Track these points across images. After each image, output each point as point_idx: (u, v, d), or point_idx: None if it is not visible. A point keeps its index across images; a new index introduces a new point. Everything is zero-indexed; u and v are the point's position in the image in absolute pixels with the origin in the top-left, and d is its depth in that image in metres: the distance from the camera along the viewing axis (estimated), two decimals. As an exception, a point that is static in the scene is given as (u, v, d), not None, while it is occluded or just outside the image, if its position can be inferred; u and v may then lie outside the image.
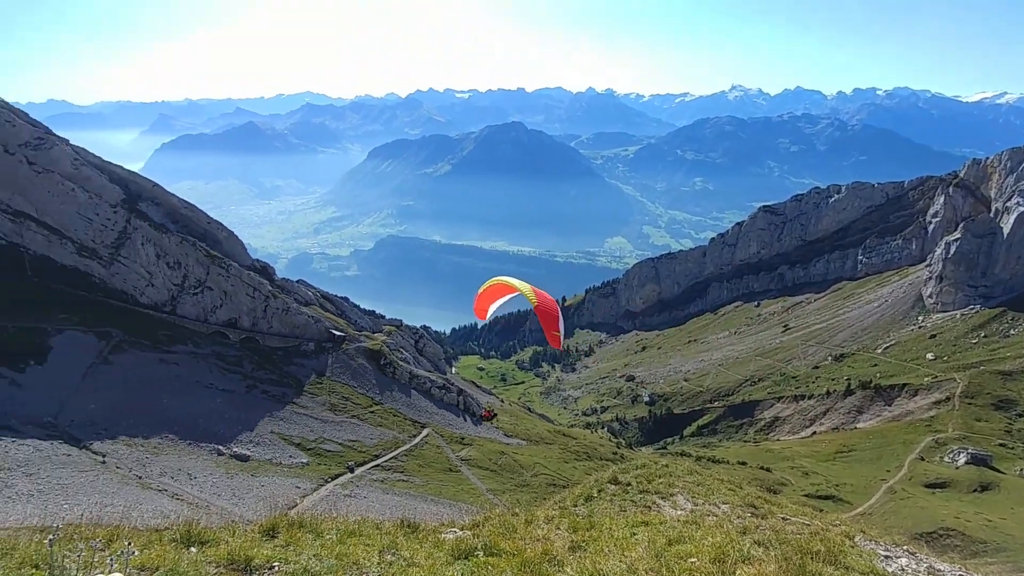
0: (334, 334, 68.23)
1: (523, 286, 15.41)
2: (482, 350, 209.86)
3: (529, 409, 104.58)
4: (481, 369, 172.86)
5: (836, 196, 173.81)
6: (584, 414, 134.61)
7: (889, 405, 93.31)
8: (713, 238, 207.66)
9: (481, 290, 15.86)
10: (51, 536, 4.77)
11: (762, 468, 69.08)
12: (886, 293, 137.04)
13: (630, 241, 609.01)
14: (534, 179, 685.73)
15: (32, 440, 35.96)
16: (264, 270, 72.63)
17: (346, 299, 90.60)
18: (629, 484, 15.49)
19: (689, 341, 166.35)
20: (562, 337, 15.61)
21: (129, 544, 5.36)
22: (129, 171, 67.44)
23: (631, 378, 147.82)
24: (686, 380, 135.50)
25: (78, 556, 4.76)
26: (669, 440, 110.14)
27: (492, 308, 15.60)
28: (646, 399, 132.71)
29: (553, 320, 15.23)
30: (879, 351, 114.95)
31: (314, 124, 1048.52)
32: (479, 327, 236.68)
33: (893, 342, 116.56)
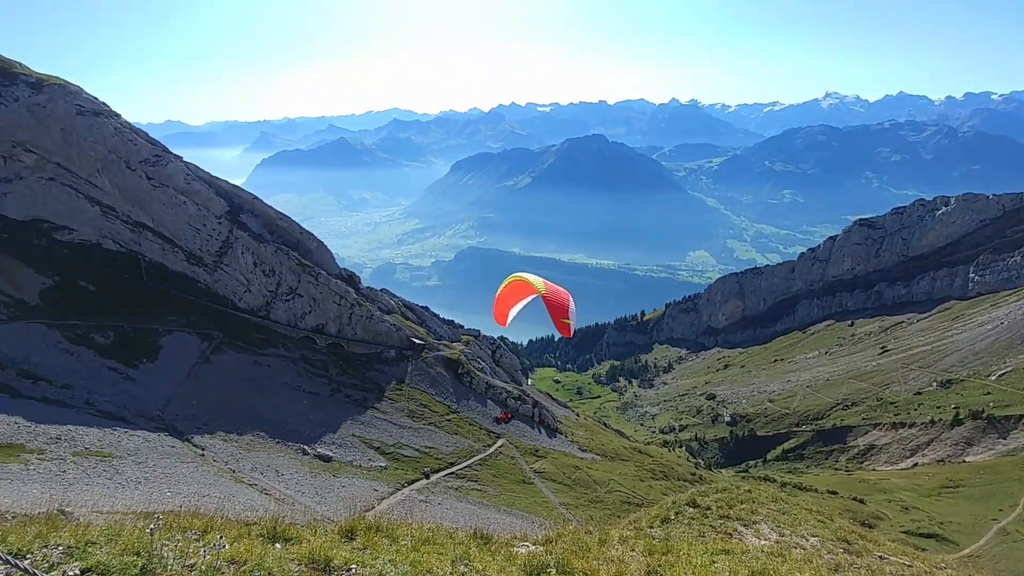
0: (414, 342, 70.07)
1: (536, 280, 14.86)
2: (558, 362, 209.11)
3: (605, 424, 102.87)
4: (557, 382, 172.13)
5: (944, 209, 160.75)
6: (662, 432, 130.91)
7: (1004, 438, 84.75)
8: (803, 253, 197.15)
9: (499, 291, 15.14)
10: (152, 525, 5.14)
11: (855, 499, 64.38)
12: (1002, 315, 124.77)
13: (713, 255, 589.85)
14: (614, 191, 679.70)
15: (142, 431, 39.14)
16: (350, 279, 75.77)
17: (426, 308, 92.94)
18: (709, 508, 14.83)
19: (775, 360, 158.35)
20: (573, 326, 14.88)
21: (220, 537, 5.68)
22: (233, 185, 72.52)
23: (712, 396, 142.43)
24: (771, 401, 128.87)
25: (175, 545, 5.10)
26: (752, 463, 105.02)
27: (512, 313, 14.88)
28: (727, 419, 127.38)
29: (562, 309, 14.65)
30: (993, 378, 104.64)
31: (400, 139, 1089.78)
32: (556, 340, 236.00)
33: (1009, 368, 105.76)
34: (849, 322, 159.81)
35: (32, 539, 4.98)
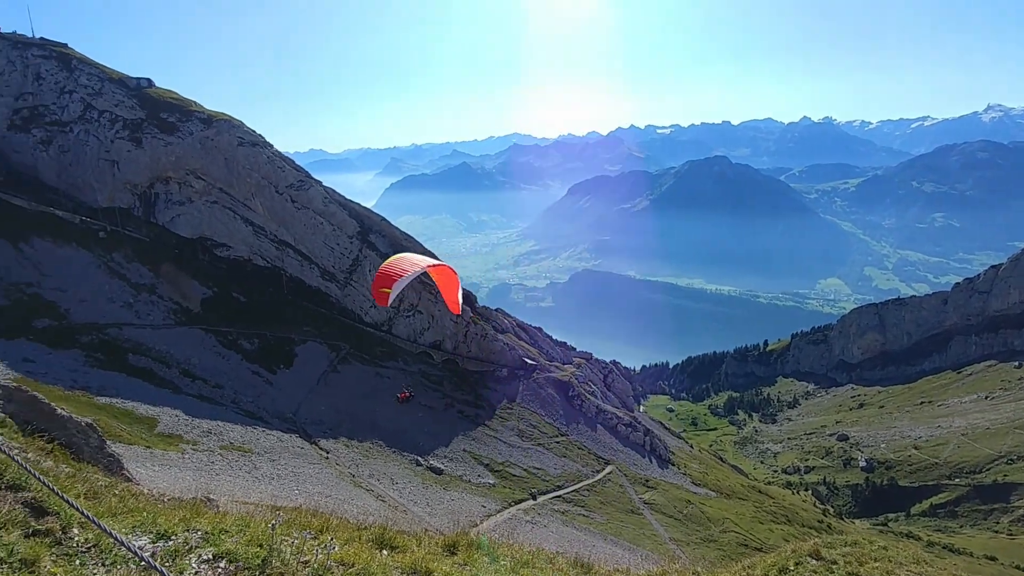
0: (526, 362, 70.78)
1: (421, 257, 13.39)
2: (672, 390, 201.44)
3: (721, 459, 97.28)
4: (670, 410, 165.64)
5: None
6: (784, 472, 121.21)
7: None
8: (958, 283, 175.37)
9: (380, 269, 13.13)
10: (274, 521, 5.65)
11: (1018, 568, 55.57)
12: None
13: (847, 283, 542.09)
14: (737, 215, 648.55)
15: (277, 432, 42.76)
16: (467, 298, 78.31)
17: (540, 329, 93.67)
18: (835, 562, 13.45)
19: (922, 402, 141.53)
20: (460, 304, 13.44)
21: (332, 539, 6.10)
22: (364, 207, 78.01)
23: (844, 437, 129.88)
24: (916, 448, 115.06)
25: (293, 542, 5.55)
26: (891, 516, 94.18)
27: (396, 290, 12.93)
28: (862, 464, 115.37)
29: (455, 284, 13.42)
30: None
31: (519, 163, 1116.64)
32: (671, 366, 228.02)
33: None
34: (1017, 363, 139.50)
35: (177, 522, 5.65)
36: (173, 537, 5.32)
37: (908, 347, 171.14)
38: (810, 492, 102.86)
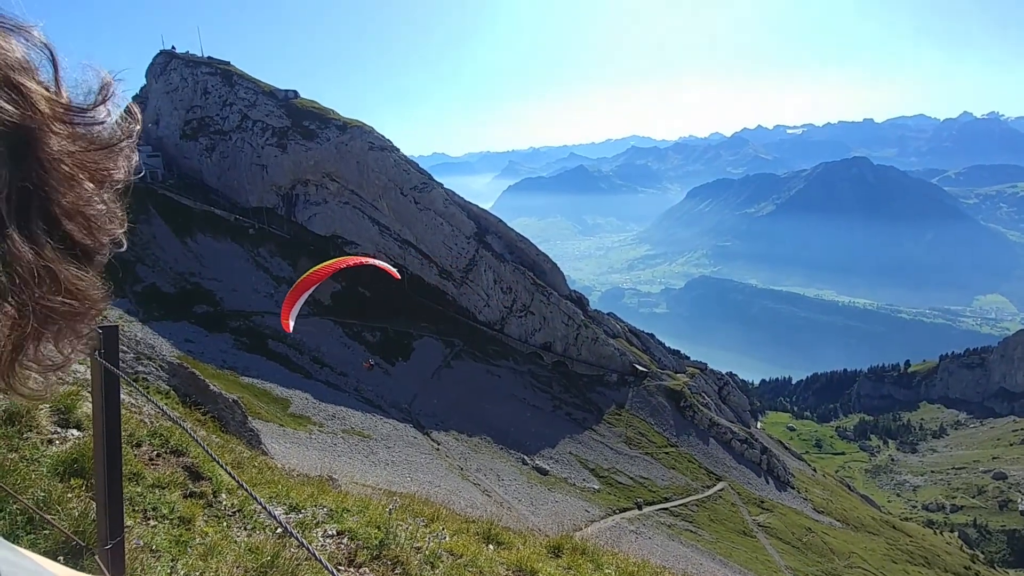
0: (637, 368, 69.31)
1: (325, 266, 11.97)
2: (795, 408, 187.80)
3: (848, 486, 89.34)
4: (792, 429, 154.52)
5: None
6: (926, 508, 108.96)
7: None
8: None
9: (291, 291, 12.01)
10: (391, 506, 6.02)
11: None
12: None
13: (1013, 301, 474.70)
14: (877, 221, 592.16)
15: (393, 420, 45.21)
16: (579, 301, 78.05)
17: (652, 335, 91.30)
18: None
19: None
20: (390, 268, 11.99)
21: (443, 528, 6.39)
22: (481, 209, 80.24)
23: (1002, 476, 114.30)
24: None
25: (407, 527, 5.88)
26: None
27: (295, 312, 11.61)
28: (1022, 507, 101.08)
29: (377, 265, 12.06)
30: None
31: (637, 166, 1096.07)
32: (793, 382, 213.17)
33: None
34: None
35: (306, 498, 6.19)
36: (303, 511, 5.84)
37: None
38: (956, 534, 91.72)
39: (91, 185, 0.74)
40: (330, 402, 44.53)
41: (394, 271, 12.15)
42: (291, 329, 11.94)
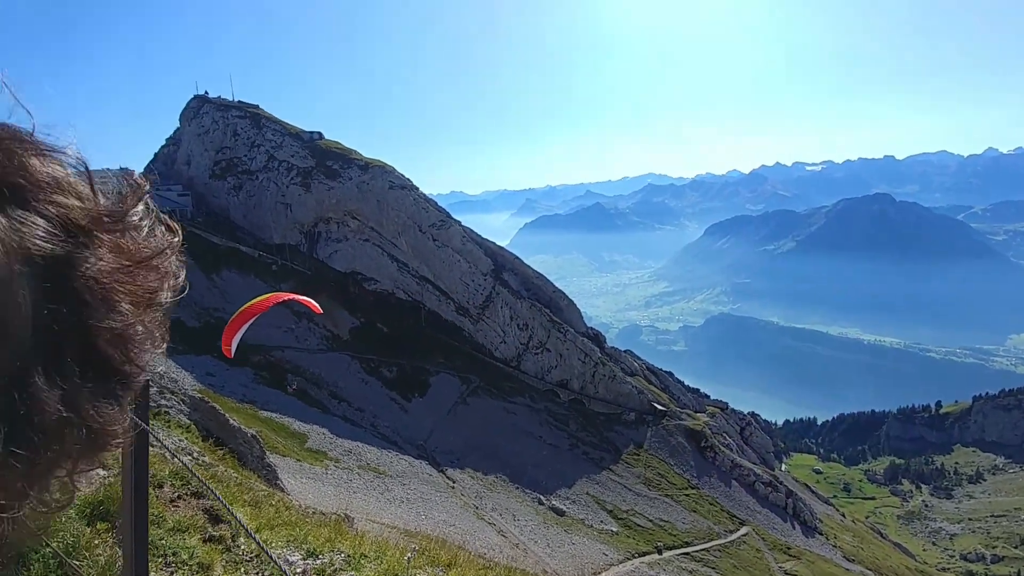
0: (656, 407, 68.29)
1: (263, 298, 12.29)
2: (821, 450, 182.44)
3: (881, 533, 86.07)
4: (818, 472, 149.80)
5: None
6: (964, 558, 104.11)
7: None
8: None
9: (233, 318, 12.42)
10: (409, 554, 6.01)
11: None
12: None
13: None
14: (901, 258, 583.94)
15: (408, 457, 44.90)
16: (596, 338, 77.64)
17: (670, 373, 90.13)
18: None
19: None
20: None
21: None
22: (498, 246, 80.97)
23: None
24: None
25: (425, 575, 5.86)
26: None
27: (237, 338, 12.10)
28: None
29: (302, 300, 12.17)
30: None
31: (654, 203, 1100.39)
32: (819, 423, 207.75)
33: None
34: None
35: (323, 542, 6.21)
36: (320, 556, 5.87)
37: None
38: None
39: (130, 307, 0.68)
40: (347, 437, 44.45)
41: (316, 305, 12.66)
42: (232, 355, 12.84)
